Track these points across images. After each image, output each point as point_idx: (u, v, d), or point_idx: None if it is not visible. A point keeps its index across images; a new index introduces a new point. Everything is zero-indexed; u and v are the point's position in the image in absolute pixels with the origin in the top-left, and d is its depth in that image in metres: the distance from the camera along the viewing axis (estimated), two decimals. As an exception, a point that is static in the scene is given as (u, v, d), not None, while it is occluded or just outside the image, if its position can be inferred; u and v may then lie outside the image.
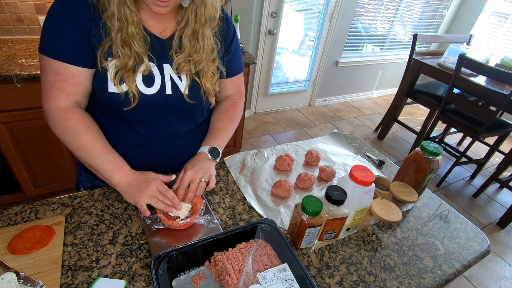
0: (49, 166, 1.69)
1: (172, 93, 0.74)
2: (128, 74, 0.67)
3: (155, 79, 0.72)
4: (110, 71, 0.67)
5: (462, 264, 0.76)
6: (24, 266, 0.59)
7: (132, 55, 0.66)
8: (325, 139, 1.20)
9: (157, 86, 0.73)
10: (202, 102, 0.80)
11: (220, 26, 0.77)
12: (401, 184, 0.90)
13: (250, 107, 3.07)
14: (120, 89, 0.68)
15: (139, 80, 0.70)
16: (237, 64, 0.87)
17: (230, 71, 0.86)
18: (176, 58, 0.72)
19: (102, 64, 0.66)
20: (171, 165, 0.87)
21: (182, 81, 0.75)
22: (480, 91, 2.16)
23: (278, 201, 0.86)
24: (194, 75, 0.75)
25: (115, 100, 0.70)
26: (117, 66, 0.66)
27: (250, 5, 2.35)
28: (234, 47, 0.84)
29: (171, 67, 0.73)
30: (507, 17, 3.36)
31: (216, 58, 0.78)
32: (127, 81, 0.68)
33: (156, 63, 0.72)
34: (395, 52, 3.76)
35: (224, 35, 0.80)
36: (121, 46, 0.65)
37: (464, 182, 2.67)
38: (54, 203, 0.75)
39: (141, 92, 0.71)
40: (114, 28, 0.63)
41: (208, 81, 0.77)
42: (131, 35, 0.64)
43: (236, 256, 0.62)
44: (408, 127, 2.96)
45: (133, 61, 0.67)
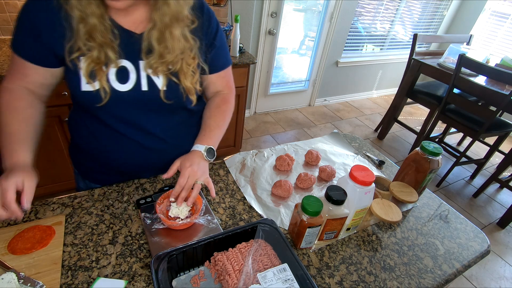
0: (49, 166, 1.69)
1: (149, 89, 0.72)
2: (98, 68, 0.66)
3: (129, 75, 0.70)
4: (82, 68, 0.66)
5: (462, 264, 0.76)
6: (24, 266, 0.59)
7: (96, 46, 0.64)
8: (325, 139, 1.20)
9: (131, 83, 0.71)
10: (181, 99, 0.77)
11: (199, 22, 0.73)
12: (401, 184, 0.90)
13: (250, 107, 3.06)
14: (93, 86, 0.67)
15: (112, 77, 0.69)
16: (223, 58, 0.85)
17: (216, 66, 0.84)
18: (147, 60, 0.70)
19: (70, 57, 0.65)
20: (157, 163, 0.85)
21: (159, 77, 0.73)
22: (480, 91, 2.16)
23: (278, 201, 0.86)
24: (170, 75, 0.73)
25: (88, 98, 0.69)
26: (85, 61, 0.65)
27: (250, 5, 2.35)
28: (218, 42, 0.80)
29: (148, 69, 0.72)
30: (507, 17, 3.35)
31: (197, 55, 0.75)
32: (98, 75, 0.67)
33: (131, 59, 0.70)
34: (395, 52, 3.76)
35: (206, 30, 0.76)
36: (85, 38, 0.63)
37: (464, 182, 2.67)
38: (54, 203, 0.75)
39: (114, 89, 0.69)
40: (75, 19, 0.62)
41: (188, 80, 0.74)
42: (93, 27, 0.62)
43: (236, 256, 0.62)
44: (408, 127, 2.96)
45: (98, 52, 0.65)
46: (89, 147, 0.82)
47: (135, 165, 0.84)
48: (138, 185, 0.83)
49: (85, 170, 0.89)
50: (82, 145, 0.84)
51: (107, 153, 0.81)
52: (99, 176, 0.87)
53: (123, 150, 0.80)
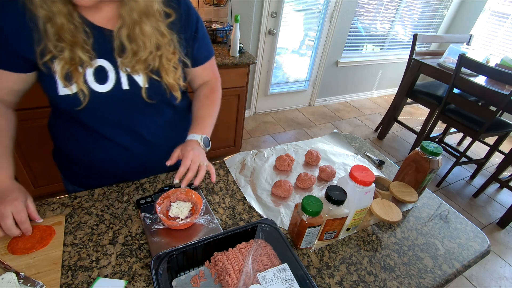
0: (49, 166, 1.69)
1: (130, 88, 0.70)
2: (73, 69, 0.63)
3: (108, 74, 0.67)
4: (56, 71, 0.63)
5: (462, 264, 0.76)
6: (24, 266, 0.59)
7: (67, 47, 0.61)
8: (325, 139, 1.20)
9: (111, 82, 0.68)
10: (166, 96, 0.75)
11: (176, 15, 0.70)
12: (401, 184, 0.90)
13: (250, 107, 3.06)
14: (70, 90, 0.64)
15: (90, 78, 0.66)
16: (206, 50, 0.83)
17: (201, 58, 0.83)
18: (121, 60, 0.67)
19: (42, 61, 0.62)
20: (145, 164, 0.84)
21: (140, 74, 0.70)
22: (480, 91, 2.16)
23: (278, 201, 0.86)
24: (150, 74, 0.70)
25: (67, 102, 0.66)
26: (59, 63, 0.62)
27: (250, 5, 2.35)
28: (200, 33, 0.78)
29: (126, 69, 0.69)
30: (507, 17, 3.35)
31: (177, 50, 0.72)
32: (74, 77, 0.63)
33: (107, 58, 0.67)
34: (395, 52, 3.76)
35: (185, 23, 0.73)
36: (55, 39, 0.60)
37: (464, 182, 2.67)
38: (54, 203, 0.75)
39: (93, 90, 0.67)
40: (40, 19, 0.59)
41: (170, 76, 0.72)
42: (61, 26, 0.59)
43: (236, 256, 0.62)
44: (408, 127, 2.96)
45: (70, 53, 0.61)
46: (73, 152, 0.80)
47: (122, 168, 0.82)
48: (138, 185, 0.83)
49: (71, 175, 0.87)
50: (65, 150, 0.81)
51: (92, 157, 0.79)
52: (86, 181, 0.85)
53: (108, 153, 0.78)
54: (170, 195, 0.75)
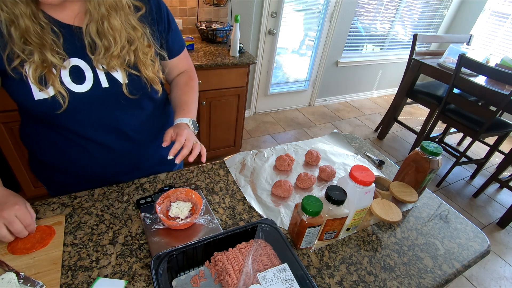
0: (49, 166, 1.69)
1: (110, 85, 0.68)
2: (47, 71, 0.60)
3: (85, 74, 0.65)
4: (29, 76, 0.60)
5: (462, 264, 0.76)
6: (24, 266, 0.59)
7: (36, 50, 0.58)
8: (325, 139, 1.20)
9: (89, 81, 0.66)
10: (147, 91, 0.74)
11: (147, 8, 0.69)
12: (401, 184, 0.90)
13: (250, 107, 3.06)
14: (47, 93, 0.61)
15: (66, 79, 0.63)
16: (179, 41, 0.84)
17: (176, 49, 0.83)
18: (93, 57, 0.64)
19: (11, 66, 0.58)
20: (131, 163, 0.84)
21: (118, 71, 0.68)
22: (480, 91, 2.16)
23: (278, 201, 0.86)
24: (128, 69, 0.69)
25: (45, 107, 0.63)
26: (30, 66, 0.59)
27: (250, 5, 2.35)
28: (173, 26, 0.79)
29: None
30: (507, 17, 3.35)
31: (151, 42, 0.71)
32: (49, 80, 0.60)
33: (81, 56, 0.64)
34: (395, 52, 3.76)
35: (156, 15, 0.73)
36: (21, 43, 0.57)
37: (464, 182, 2.67)
38: (54, 203, 0.75)
39: (71, 91, 0.64)
40: (3, 22, 0.56)
41: (149, 70, 0.71)
42: (26, 28, 0.56)
43: (236, 256, 0.62)
44: (408, 127, 2.96)
45: (40, 55, 0.59)
46: (53, 160, 0.77)
47: (108, 170, 0.81)
48: (138, 185, 0.83)
49: (55, 186, 0.85)
50: (44, 159, 0.78)
51: (75, 163, 0.77)
52: (72, 189, 0.80)
53: (92, 156, 0.76)
54: (170, 195, 0.75)
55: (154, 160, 0.89)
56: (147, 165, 0.88)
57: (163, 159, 0.89)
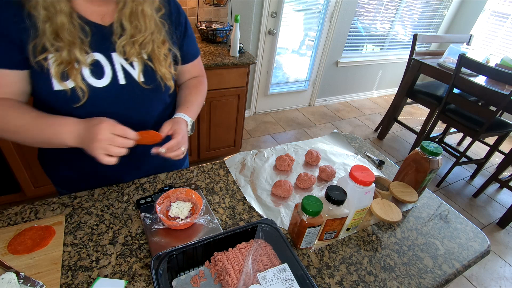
0: (49, 166, 1.69)
1: (126, 82, 0.70)
2: (70, 67, 0.62)
3: (104, 70, 0.67)
4: (51, 68, 0.62)
5: (462, 264, 0.76)
6: (24, 266, 0.59)
7: (65, 46, 0.60)
8: (325, 139, 1.20)
9: (108, 77, 0.68)
10: (160, 88, 0.76)
11: (166, 10, 0.73)
12: (401, 184, 0.90)
13: (250, 107, 3.06)
14: (66, 86, 0.63)
15: (86, 73, 0.65)
16: (194, 47, 0.87)
17: (190, 55, 0.86)
18: (118, 42, 0.67)
19: (36, 59, 0.60)
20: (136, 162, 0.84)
21: (134, 68, 0.71)
22: (480, 91, 2.16)
23: (278, 201, 0.86)
24: (146, 60, 0.71)
25: (63, 99, 0.64)
26: (55, 61, 0.61)
27: (250, 5, 2.35)
28: (189, 32, 0.82)
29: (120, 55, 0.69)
30: (507, 17, 3.35)
31: (166, 40, 0.74)
32: (71, 75, 0.62)
33: (103, 53, 0.67)
34: (395, 52, 3.76)
35: (175, 19, 0.77)
36: (52, 38, 0.59)
37: (464, 182, 2.67)
38: (54, 203, 0.75)
39: (91, 85, 0.66)
40: (40, 18, 0.58)
41: (162, 65, 0.73)
42: (61, 25, 0.58)
43: (236, 256, 0.62)
44: (408, 127, 2.96)
45: (67, 53, 0.61)
46: (62, 154, 0.77)
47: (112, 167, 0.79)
48: (138, 185, 0.83)
49: (60, 180, 0.85)
50: (52, 153, 0.79)
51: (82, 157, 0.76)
52: (76, 185, 0.82)
53: None
54: (170, 195, 0.75)
55: (158, 161, 0.88)
56: (150, 166, 0.88)
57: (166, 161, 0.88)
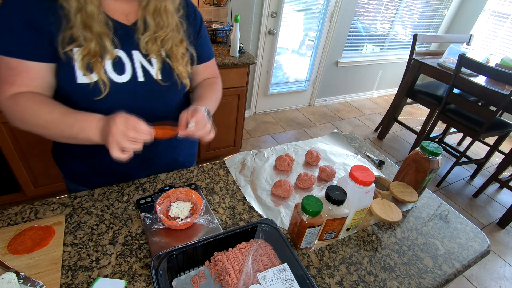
0: (49, 166, 1.69)
1: (145, 79, 0.73)
2: (94, 60, 0.65)
3: (125, 66, 0.70)
4: (76, 60, 0.64)
5: (462, 264, 0.76)
6: (24, 266, 0.59)
7: (94, 37, 0.63)
8: (325, 139, 1.20)
9: (128, 74, 0.71)
10: (177, 86, 0.78)
11: (184, 11, 0.77)
12: (401, 184, 0.90)
13: (250, 107, 3.06)
14: (90, 79, 0.66)
15: (109, 68, 0.68)
16: (208, 49, 0.89)
17: (203, 56, 0.87)
18: (142, 38, 0.70)
19: (64, 49, 0.62)
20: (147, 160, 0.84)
21: (153, 66, 0.74)
22: (480, 91, 2.16)
23: (278, 201, 0.86)
24: (164, 58, 0.74)
25: (85, 91, 0.66)
26: (82, 53, 0.64)
27: (250, 5, 2.35)
28: (203, 32, 0.84)
29: (141, 54, 0.72)
30: (507, 17, 3.35)
31: (184, 39, 0.77)
32: (95, 68, 0.65)
33: (125, 50, 0.70)
34: (395, 52, 3.76)
35: (192, 20, 0.80)
36: (82, 28, 0.61)
37: (464, 182, 2.67)
38: (54, 203, 0.75)
39: (112, 80, 0.69)
40: (72, 9, 0.60)
41: (179, 63, 0.75)
42: (91, 15, 0.61)
43: (236, 256, 0.62)
44: (408, 127, 2.96)
45: (95, 44, 0.64)
46: (75, 150, 0.79)
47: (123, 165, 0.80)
48: (138, 185, 0.83)
49: (72, 173, 0.86)
50: (65, 148, 0.80)
51: (95, 154, 0.78)
52: (86, 178, 0.84)
53: None
54: (170, 195, 0.75)
55: (166, 160, 0.90)
56: (159, 165, 0.89)
57: (175, 161, 0.92)
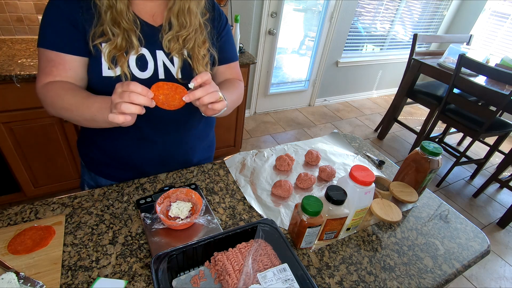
0: (49, 166, 1.69)
1: (165, 77, 0.76)
2: (119, 54, 0.69)
3: (148, 64, 0.74)
4: (104, 53, 0.69)
5: (462, 264, 0.76)
6: (24, 266, 0.59)
7: (121, 32, 0.68)
8: (325, 139, 1.20)
9: (150, 71, 0.74)
10: None
11: (210, 15, 0.80)
12: (401, 184, 0.90)
13: (250, 107, 3.06)
14: (114, 72, 0.70)
15: (132, 64, 0.72)
16: (232, 51, 0.90)
17: (225, 56, 0.87)
18: (165, 37, 0.73)
19: (94, 42, 0.67)
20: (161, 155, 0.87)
21: (174, 65, 0.76)
22: (480, 91, 2.16)
23: (278, 201, 0.86)
24: (186, 57, 0.77)
25: (109, 84, 0.69)
26: (109, 47, 0.68)
27: (250, 5, 2.35)
28: (226, 34, 0.86)
29: (164, 53, 0.75)
30: (507, 17, 3.35)
31: (207, 40, 0.79)
32: (120, 61, 0.69)
33: (149, 49, 0.74)
34: (395, 52, 3.76)
35: (216, 23, 0.83)
36: (111, 24, 0.67)
37: (464, 182, 2.67)
38: (54, 203, 0.75)
39: (135, 76, 0.72)
40: (103, 6, 0.66)
41: (200, 64, 0.78)
42: (120, 12, 0.66)
43: (236, 256, 0.62)
44: (408, 127, 2.96)
45: (122, 39, 0.68)
46: (98, 138, 0.85)
47: (141, 156, 0.86)
48: (138, 185, 0.83)
49: (91, 161, 0.91)
50: (91, 136, 0.86)
51: (116, 143, 0.83)
52: (105, 169, 0.89)
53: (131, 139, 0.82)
54: (170, 195, 0.75)
55: (179, 159, 0.91)
56: (175, 163, 0.91)
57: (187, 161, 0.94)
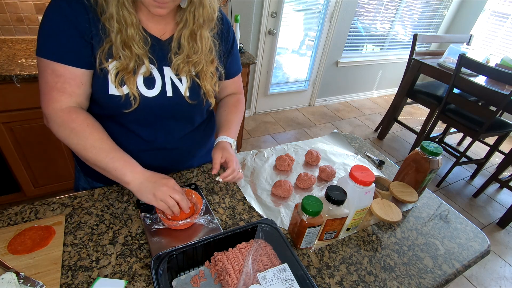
0: (49, 166, 1.69)
1: (173, 95, 0.74)
2: (128, 75, 0.67)
3: (155, 81, 0.72)
4: (110, 73, 0.66)
5: (462, 264, 0.76)
6: (24, 266, 0.59)
7: (133, 56, 0.66)
8: (325, 139, 1.20)
9: (158, 89, 0.72)
10: (202, 104, 0.80)
11: (218, 28, 0.77)
12: (401, 184, 0.90)
13: (250, 107, 3.06)
14: (121, 91, 0.67)
15: (140, 82, 0.70)
16: (237, 65, 0.91)
17: (231, 72, 0.89)
18: (174, 60, 0.72)
19: (102, 65, 0.65)
20: (168, 167, 0.88)
21: (182, 83, 0.75)
22: (480, 91, 2.16)
23: (278, 201, 0.86)
24: (194, 77, 0.76)
25: (115, 103, 0.69)
26: (117, 68, 0.66)
27: (250, 5, 2.35)
28: (235, 50, 0.86)
29: (171, 69, 0.73)
30: (507, 17, 3.35)
31: (215, 59, 0.78)
32: (128, 82, 0.67)
33: (157, 65, 0.71)
34: (395, 52, 3.76)
35: (224, 37, 0.81)
36: (121, 47, 0.64)
37: (464, 182, 2.67)
38: (54, 203, 0.75)
39: (142, 94, 0.70)
40: (113, 30, 0.62)
41: (208, 82, 0.77)
42: (131, 37, 0.64)
43: (236, 256, 0.62)
44: (408, 127, 2.96)
45: (134, 63, 0.66)
46: None
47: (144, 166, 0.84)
48: (138, 185, 0.83)
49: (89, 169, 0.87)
50: None
51: None
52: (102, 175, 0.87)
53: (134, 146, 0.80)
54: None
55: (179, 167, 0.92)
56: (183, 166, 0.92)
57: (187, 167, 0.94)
